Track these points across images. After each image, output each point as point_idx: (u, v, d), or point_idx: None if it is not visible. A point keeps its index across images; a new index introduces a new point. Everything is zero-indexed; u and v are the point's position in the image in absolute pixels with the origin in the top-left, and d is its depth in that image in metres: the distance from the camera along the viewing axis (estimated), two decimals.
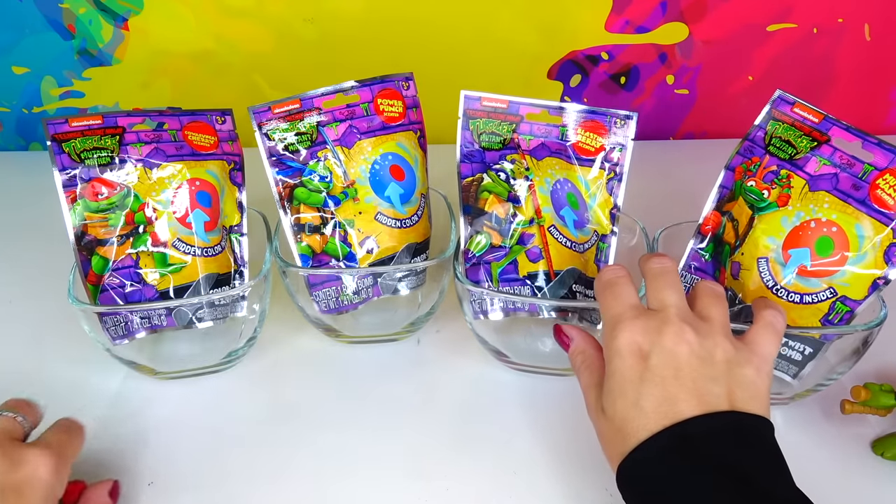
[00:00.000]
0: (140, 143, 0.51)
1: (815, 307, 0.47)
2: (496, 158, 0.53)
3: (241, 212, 0.55)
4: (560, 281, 0.52)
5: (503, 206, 0.52)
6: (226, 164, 0.54)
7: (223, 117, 0.53)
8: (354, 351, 0.57)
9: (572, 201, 0.53)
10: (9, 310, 0.62)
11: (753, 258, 0.49)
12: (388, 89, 0.53)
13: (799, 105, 0.49)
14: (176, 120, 0.52)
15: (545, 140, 0.53)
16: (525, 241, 0.52)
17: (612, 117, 0.52)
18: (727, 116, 0.86)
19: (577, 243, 0.53)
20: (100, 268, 0.50)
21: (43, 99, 0.83)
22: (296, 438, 0.50)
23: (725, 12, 0.78)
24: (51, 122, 0.48)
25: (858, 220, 0.46)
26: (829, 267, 0.47)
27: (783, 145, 0.49)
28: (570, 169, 0.53)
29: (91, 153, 0.49)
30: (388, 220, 0.53)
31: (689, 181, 0.64)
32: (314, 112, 0.52)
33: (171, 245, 0.51)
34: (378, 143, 0.53)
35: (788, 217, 0.48)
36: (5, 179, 0.79)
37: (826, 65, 0.82)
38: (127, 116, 0.50)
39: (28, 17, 0.77)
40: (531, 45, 0.80)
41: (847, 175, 0.47)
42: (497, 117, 0.53)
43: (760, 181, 0.50)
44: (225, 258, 0.53)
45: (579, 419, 0.47)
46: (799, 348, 0.48)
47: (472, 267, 0.52)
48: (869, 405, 0.49)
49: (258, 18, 0.78)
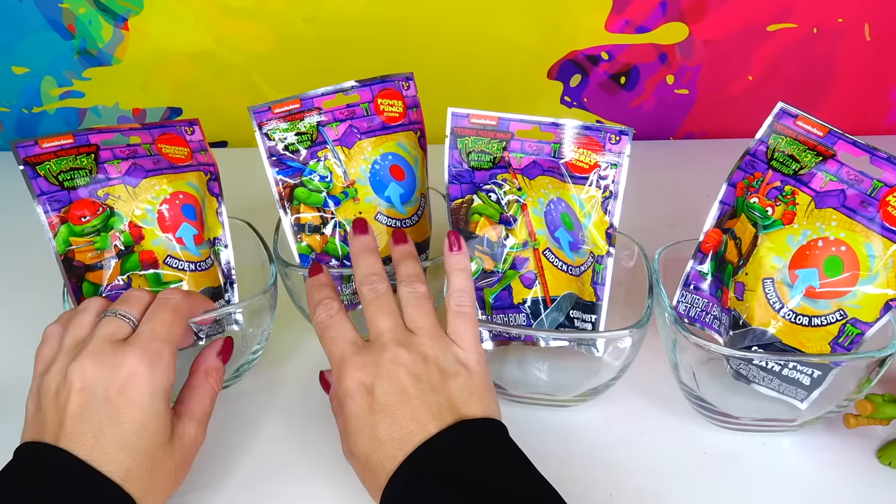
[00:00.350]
0: (117, 159, 0.49)
1: (825, 329, 0.46)
2: (486, 178, 0.51)
3: (222, 223, 0.53)
4: (557, 307, 0.49)
5: (495, 228, 0.50)
6: (203, 174, 0.52)
7: (191, 127, 0.51)
8: None
9: (567, 222, 0.51)
10: (9, 310, 0.62)
11: (758, 278, 0.47)
12: (388, 89, 0.53)
13: (802, 118, 0.47)
14: (147, 133, 0.50)
15: (537, 158, 0.50)
16: (519, 266, 0.49)
17: (606, 133, 0.50)
18: (727, 116, 0.86)
19: (573, 266, 0.50)
20: (91, 294, 0.48)
21: (43, 99, 0.83)
22: (295, 440, 0.50)
23: (725, 12, 0.78)
24: (20, 145, 0.46)
25: (868, 239, 0.44)
26: (839, 288, 0.45)
27: (787, 160, 0.47)
28: (564, 188, 0.51)
29: (69, 174, 0.47)
30: (388, 220, 0.53)
31: (689, 181, 0.64)
32: (314, 112, 0.51)
33: (163, 263, 0.50)
34: (378, 143, 0.53)
35: (794, 235, 0.46)
36: (5, 179, 0.79)
37: (826, 65, 0.82)
38: (98, 133, 0.48)
39: (28, 17, 0.77)
40: (531, 44, 0.80)
41: (855, 192, 0.45)
42: (486, 135, 0.50)
43: (764, 198, 0.48)
44: (215, 271, 0.52)
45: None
46: (808, 372, 0.46)
47: None
48: (874, 417, 0.48)
49: (258, 18, 0.78)
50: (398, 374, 0.40)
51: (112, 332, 0.41)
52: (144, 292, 0.45)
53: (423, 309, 0.43)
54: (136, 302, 0.43)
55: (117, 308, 0.43)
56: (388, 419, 0.40)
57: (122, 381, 0.39)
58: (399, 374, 0.40)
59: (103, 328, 0.41)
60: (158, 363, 0.40)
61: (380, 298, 0.43)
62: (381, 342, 0.42)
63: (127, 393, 0.39)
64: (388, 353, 0.41)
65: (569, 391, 0.51)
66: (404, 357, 0.41)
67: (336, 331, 0.43)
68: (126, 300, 0.44)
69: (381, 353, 0.41)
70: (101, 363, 0.40)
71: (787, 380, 0.46)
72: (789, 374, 0.46)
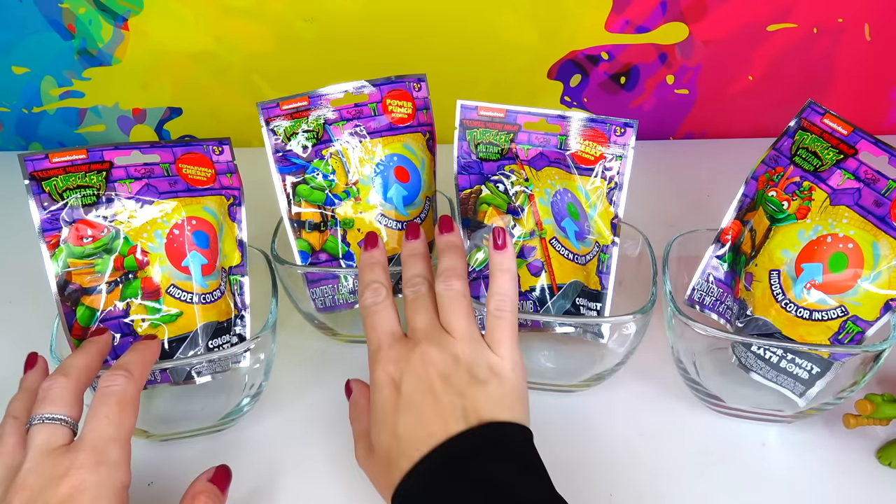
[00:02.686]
0: (129, 178, 0.46)
1: (825, 325, 0.46)
2: (494, 169, 0.52)
3: (242, 251, 0.50)
4: (563, 294, 0.50)
5: (503, 218, 0.51)
6: (224, 199, 0.49)
7: (220, 147, 0.49)
8: (353, 352, 0.57)
9: (573, 212, 0.52)
10: (9, 309, 0.62)
11: (766, 270, 0.48)
12: (398, 90, 0.53)
13: (829, 116, 0.48)
14: (169, 152, 0.47)
15: (544, 149, 0.51)
16: (526, 255, 0.50)
17: (611, 125, 0.51)
18: (727, 116, 0.86)
19: (579, 255, 0.51)
20: (86, 319, 0.45)
21: (43, 99, 0.83)
22: (293, 440, 0.50)
23: (725, 12, 0.78)
24: (29, 158, 0.43)
25: (876, 238, 0.45)
26: (841, 283, 0.45)
27: (809, 156, 0.48)
28: (570, 179, 0.52)
29: (74, 192, 0.44)
30: (388, 222, 0.53)
31: (688, 181, 0.64)
32: (322, 110, 0.52)
33: (165, 292, 0.46)
34: (384, 143, 0.53)
35: (805, 230, 0.47)
36: (5, 179, 0.79)
37: (826, 65, 0.82)
38: (114, 150, 0.46)
39: (28, 17, 0.77)
40: (531, 45, 0.80)
41: (870, 191, 0.45)
42: (494, 127, 0.51)
43: (782, 192, 0.49)
44: (224, 303, 0.49)
45: (580, 432, 0.47)
46: (806, 367, 0.46)
47: (472, 282, 0.51)
48: (874, 417, 0.48)
49: (258, 18, 0.78)
50: (427, 373, 0.40)
51: (46, 441, 0.37)
52: (61, 381, 0.39)
53: (459, 309, 0.42)
54: (58, 398, 0.39)
55: (42, 412, 0.38)
56: (412, 416, 0.39)
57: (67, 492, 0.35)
58: (428, 373, 0.40)
59: (36, 438, 0.37)
60: (105, 464, 0.36)
61: (419, 299, 0.43)
62: (416, 338, 0.41)
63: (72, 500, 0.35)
64: (419, 349, 0.41)
65: (574, 377, 0.52)
66: (435, 356, 0.40)
67: (378, 318, 0.43)
68: (46, 399, 0.38)
69: (413, 349, 0.41)
70: (39, 476, 0.35)
71: (786, 372, 0.47)
72: (787, 367, 0.47)
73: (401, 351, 0.41)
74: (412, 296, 0.44)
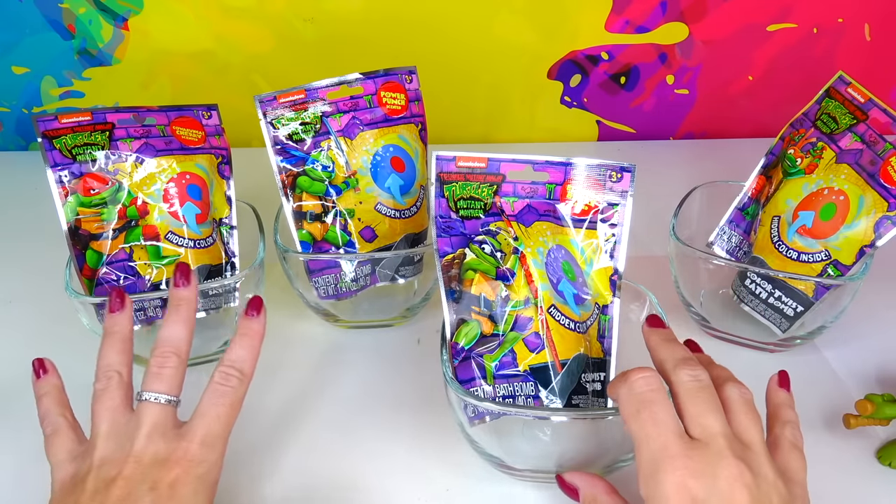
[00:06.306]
0: (130, 138, 0.52)
1: (810, 266, 0.52)
2: (477, 228, 0.45)
3: (230, 204, 0.55)
4: (567, 372, 0.43)
5: (491, 285, 0.44)
6: (214, 157, 0.55)
7: (209, 112, 0.54)
8: (354, 344, 0.57)
9: (568, 271, 0.45)
10: (9, 309, 0.62)
11: (770, 216, 0.54)
12: (391, 82, 0.54)
13: (853, 86, 0.53)
14: (164, 115, 0.53)
15: (531, 201, 0.45)
16: (521, 327, 0.43)
17: (606, 170, 0.44)
18: (727, 116, 0.86)
19: (579, 323, 0.44)
20: (94, 262, 0.50)
21: (43, 99, 0.83)
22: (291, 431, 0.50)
23: (725, 12, 0.79)
24: (40, 118, 0.49)
25: (864, 192, 0.50)
26: (827, 229, 0.51)
27: (829, 120, 0.53)
28: (563, 232, 0.46)
29: (82, 149, 0.50)
30: (387, 210, 0.54)
31: (688, 181, 0.64)
32: (319, 102, 0.52)
33: (164, 238, 0.52)
34: (380, 134, 0.54)
35: (809, 183, 0.53)
36: (5, 179, 0.79)
37: (826, 65, 0.82)
38: (116, 112, 0.51)
39: (28, 17, 0.77)
40: (531, 45, 0.80)
41: (870, 152, 0.50)
42: (475, 179, 0.44)
43: (798, 150, 0.54)
44: (216, 250, 0.54)
45: None
46: (792, 304, 0.52)
47: (463, 363, 0.43)
48: (874, 417, 0.48)
49: (258, 18, 0.78)
50: (738, 497, 0.33)
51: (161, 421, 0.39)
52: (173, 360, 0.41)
53: (755, 419, 0.37)
54: (173, 379, 0.40)
55: (157, 390, 0.40)
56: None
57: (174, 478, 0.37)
58: (740, 497, 0.33)
59: (150, 415, 0.39)
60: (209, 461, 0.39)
61: (705, 390, 0.37)
62: (716, 448, 0.34)
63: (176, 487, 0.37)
64: (728, 465, 0.34)
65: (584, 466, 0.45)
66: (748, 478, 0.34)
67: (659, 411, 0.36)
68: (161, 377, 0.40)
69: (718, 462, 0.34)
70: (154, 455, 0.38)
71: (773, 307, 0.53)
72: (774, 304, 0.52)
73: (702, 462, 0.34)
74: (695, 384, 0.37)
